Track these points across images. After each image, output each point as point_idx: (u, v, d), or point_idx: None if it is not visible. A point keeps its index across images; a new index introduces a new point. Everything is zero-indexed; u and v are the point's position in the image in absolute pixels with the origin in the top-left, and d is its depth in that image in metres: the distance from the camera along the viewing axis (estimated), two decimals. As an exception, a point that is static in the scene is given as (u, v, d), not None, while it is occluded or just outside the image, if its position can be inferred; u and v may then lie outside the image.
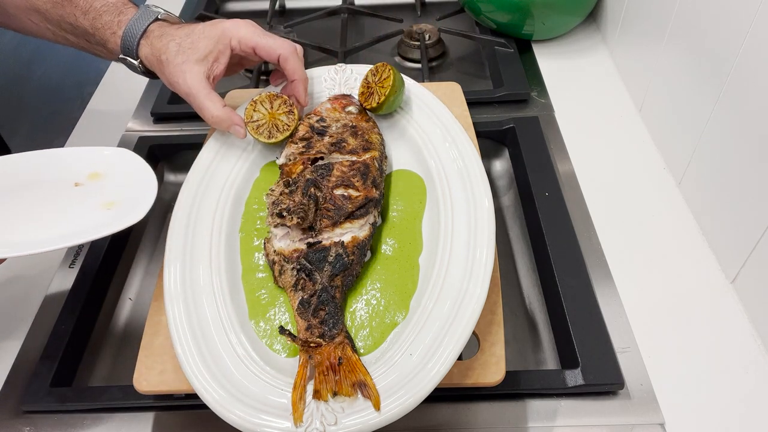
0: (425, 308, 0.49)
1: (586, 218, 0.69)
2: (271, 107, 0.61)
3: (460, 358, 0.49)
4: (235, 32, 0.60)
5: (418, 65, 0.94)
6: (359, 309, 0.52)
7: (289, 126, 0.61)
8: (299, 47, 0.63)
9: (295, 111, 0.61)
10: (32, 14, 0.65)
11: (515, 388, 0.54)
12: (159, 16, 0.62)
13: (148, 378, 0.51)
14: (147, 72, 0.64)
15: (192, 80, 0.59)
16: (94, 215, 0.55)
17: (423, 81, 0.87)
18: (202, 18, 1.03)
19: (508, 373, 0.51)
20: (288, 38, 0.92)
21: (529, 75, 0.89)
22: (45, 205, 0.57)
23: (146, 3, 0.67)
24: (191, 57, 0.59)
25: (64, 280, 0.64)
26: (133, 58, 0.62)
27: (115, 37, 0.62)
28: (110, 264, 0.68)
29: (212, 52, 0.59)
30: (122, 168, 0.60)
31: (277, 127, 0.61)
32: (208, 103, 0.59)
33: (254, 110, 0.61)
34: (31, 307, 0.63)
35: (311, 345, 0.47)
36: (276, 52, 0.60)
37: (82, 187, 0.58)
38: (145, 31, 0.61)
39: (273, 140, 0.61)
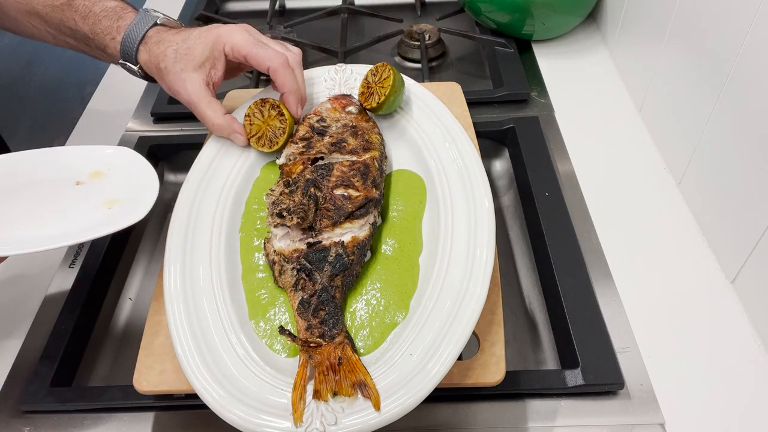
0: (425, 308, 0.49)
1: (586, 218, 0.69)
2: (263, 115, 0.61)
3: (460, 358, 0.49)
4: (228, 38, 0.60)
5: (418, 65, 0.94)
6: (359, 309, 0.52)
7: (283, 129, 0.61)
8: (294, 57, 0.62)
9: (284, 110, 0.61)
10: (32, 18, 0.65)
11: (515, 388, 0.54)
12: (158, 21, 0.62)
13: (148, 378, 0.51)
14: (146, 77, 0.64)
15: (192, 89, 0.59)
16: (96, 214, 0.55)
17: (423, 81, 0.87)
18: (202, 18, 1.02)
19: (508, 373, 0.51)
20: (288, 38, 0.92)
21: (529, 75, 0.89)
22: (46, 203, 0.57)
23: (145, 5, 0.67)
24: (189, 65, 0.59)
25: (64, 280, 0.64)
26: (133, 64, 0.63)
27: (115, 42, 0.62)
28: (110, 264, 0.68)
29: (209, 58, 0.60)
30: (124, 167, 0.60)
31: (274, 133, 0.61)
32: (209, 111, 0.60)
33: (250, 124, 0.62)
34: (31, 307, 0.63)
35: (311, 345, 0.47)
36: (265, 64, 0.60)
37: (83, 185, 0.58)
38: (143, 36, 0.61)
39: (275, 147, 0.61)
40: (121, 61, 0.63)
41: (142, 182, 0.57)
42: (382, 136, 0.63)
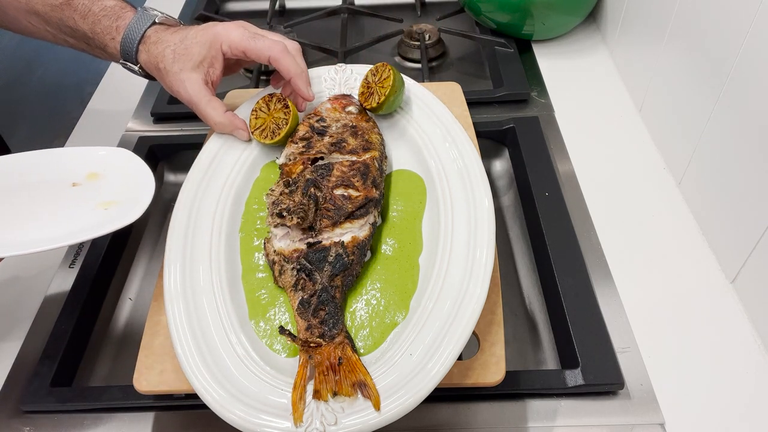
0: (425, 308, 0.49)
1: (586, 218, 0.69)
2: (269, 109, 0.62)
3: (460, 358, 0.49)
4: (225, 37, 0.60)
5: (418, 65, 0.94)
6: (359, 309, 0.52)
7: (286, 120, 0.61)
8: (292, 44, 0.62)
9: (290, 104, 0.62)
10: (31, 17, 0.65)
11: (515, 388, 0.54)
12: (156, 20, 0.63)
13: (148, 378, 0.51)
14: (147, 75, 0.64)
15: (192, 89, 0.60)
16: (92, 215, 0.55)
17: (423, 81, 0.87)
18: (202, 18, 1.02)
19: (508, 373, 0.51)
20: (288, 38, 0.92)
21: (529, 75, 0.89)
22: (43, 205, 0.57)
23: (145, 4, 0.67)
24: (187, 65, 0.60)
25: (64, 280, 0.64)
26: (133, 64, 0.63)
27: (114, 42, 0.62)
28: (110, 264, 0.68)
29: (206, 57, 0.60)
30: (120, 168, 0.60)
31: (276, 125, 0.61)
32: (210, 110, 0.60)
33: (256, 118, 0.63)
34: (31, 308, 0.63)
35: (311, 345, 0.47)
36: (265, 54, 0.60)
37: (79, 187, 0.58)
38: (142, 36, 0.62)
39: (277, 138, 0.61)
40: (121, 61, 0.63)
41: (138, 183, 0.57)
42: (382, 136, 0.63)
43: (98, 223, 0.54)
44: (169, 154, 0.80)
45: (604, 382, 0.54)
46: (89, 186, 0.58)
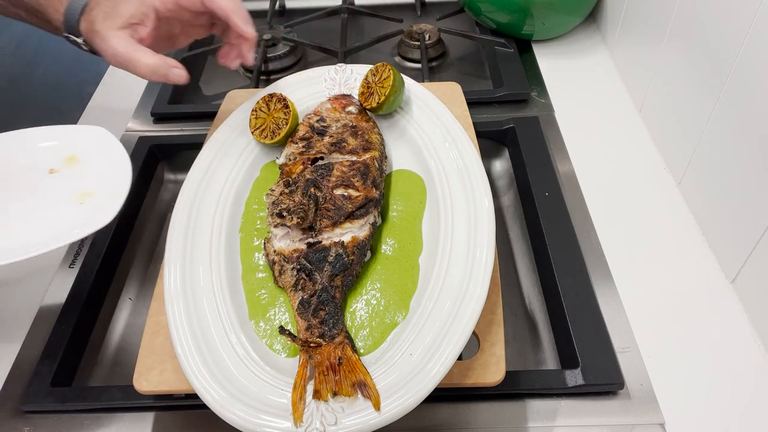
0: (425, 308, 0.49)
1: (586, 218, 0.69)
2: (269, 109, 0.62)
3: (460, 358, 0.49)
4: None
5: (418, 65, 0.94)
6: (359, 309, 0.52)
7: (286, 120, 0.61)
8: None
9: (290, 104, 0.62)
10: None
11: (515, 388, 0.54)
12: None
13: (148, 378, 0.51)
14: (93, 50, 0.61)
15: (117, 43, 0.56)
16: (68, 211, 0.54)
17: (423, 81, 0.87)
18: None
19: (508, 373, 0.51)
20: (288, 38, 0.93)
21: (529, 75, 0.89)
22: (18, 200, 0.54)
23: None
24: (115, 22, 0.57)
25: (64, 280, 0.64)
26: (76, 36, 0.60)
27: (58, 14, 0.60)
28: (110, 264, 0.68)
29: (134, 15, 0.57)
30: (99, 151, 0.58)
31: (277, 125, 0.61)
32: (138, 54, 0.56)
33: (256, 118, 0.63)
34: (31, 307, 0.63)
35: (311, 345, 0.47)
36: None
37: (57, 174, 0.56)
38: (84, 7, 0.59)
39: (277, 138, 0.61)
40: (64, 34, 0.61)
41: (115, 171, 0.56)
42: (382, 136, 0.63)
43: (74, 222, 0.53)
44: (169, 154, 0.80)
45: (604, 382, 0.54)
46: (67, 173, 0.56)
